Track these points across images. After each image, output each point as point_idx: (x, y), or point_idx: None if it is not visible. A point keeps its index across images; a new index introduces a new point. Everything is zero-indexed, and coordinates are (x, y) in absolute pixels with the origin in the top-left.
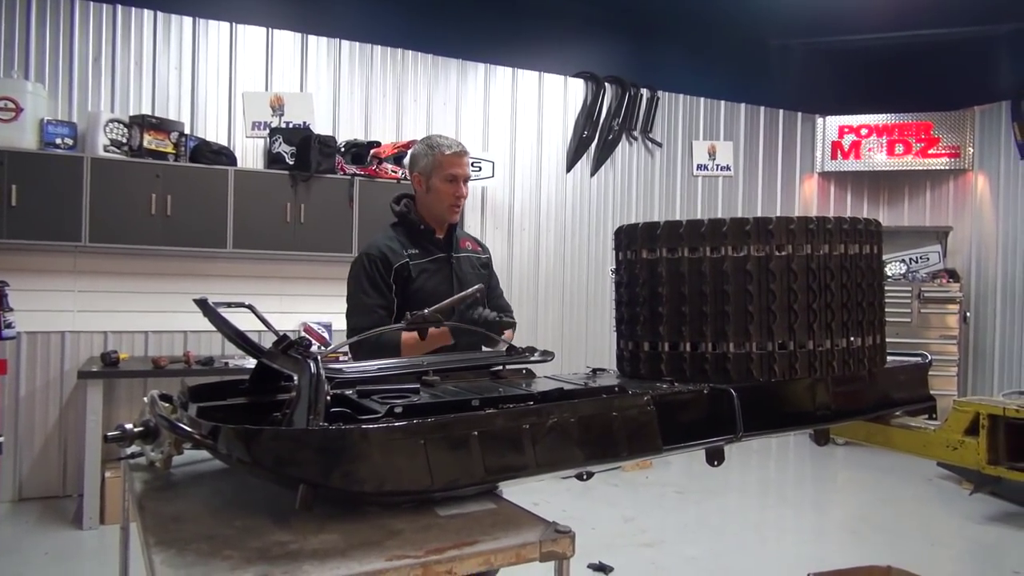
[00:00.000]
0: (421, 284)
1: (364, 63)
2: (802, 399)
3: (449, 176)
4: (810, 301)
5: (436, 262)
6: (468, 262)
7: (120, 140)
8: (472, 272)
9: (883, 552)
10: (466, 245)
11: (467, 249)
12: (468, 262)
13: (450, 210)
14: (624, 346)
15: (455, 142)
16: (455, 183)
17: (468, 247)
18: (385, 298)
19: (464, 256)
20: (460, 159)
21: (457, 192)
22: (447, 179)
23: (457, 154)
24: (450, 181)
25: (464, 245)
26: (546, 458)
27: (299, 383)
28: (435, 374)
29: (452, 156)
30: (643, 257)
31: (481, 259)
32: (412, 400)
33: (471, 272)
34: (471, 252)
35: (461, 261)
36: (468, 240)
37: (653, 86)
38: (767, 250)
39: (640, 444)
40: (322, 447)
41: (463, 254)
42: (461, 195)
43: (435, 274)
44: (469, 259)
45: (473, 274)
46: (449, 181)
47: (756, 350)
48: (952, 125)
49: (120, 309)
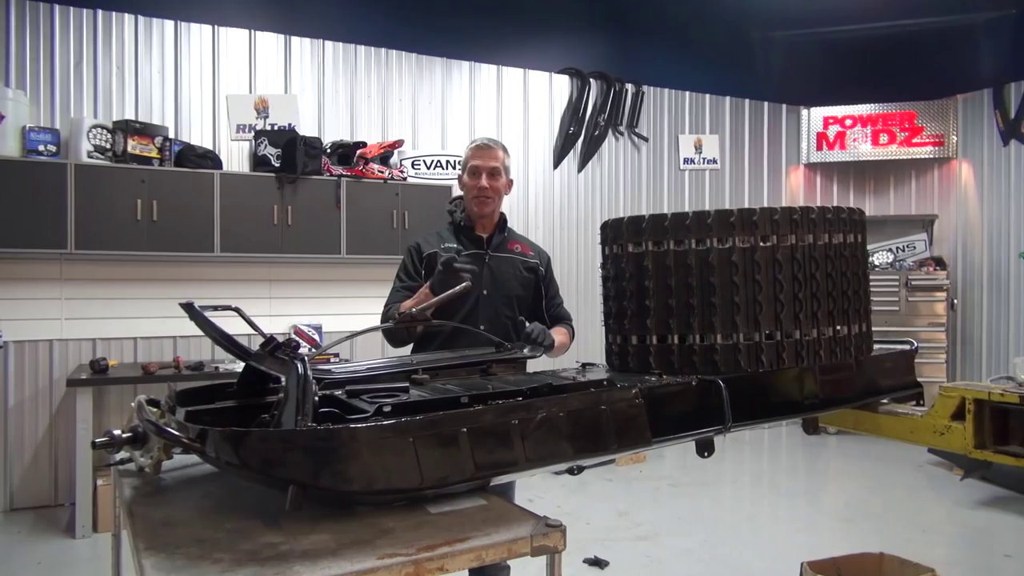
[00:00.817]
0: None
1: (348, 63)
2: (790, 388)
3: (472, 169)
4: (796, 291)
5: (471, 258)
6: (509, 263)
7: (104, 146)
8: (512, 274)
9: (875, 539)
10: (514, 247)
11: (514, 251)
12: (509, 263)
13: (474, 202)
14: (612, 340)
15: (486, 137)
16: (476, 176)
17: (516, 249)
18: (411, 280)
19: (506, 256)
20: (482, 152)
21: (478, 184)
22: (471, 172)
23: (479, 147)
24: (473, 174)
25: (512, 247)
26: (536, 453)
27: (286, 384)
28: (425, 372)
29: (474, 149)
30: (629, 251)
31: (528, 263)
32: (401, 399)
33: (511, 273)
34: (518, 254)
35: (501, 261)
36: (520, 243)
37: (638, 81)
38: (752, 241)
39: (630, 437)
40: (310, 447)
41: (506, 255)
42: (483, 186)
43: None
44: (511, 260)
45: (513, 275)
46: (472, 174)
47: (743, 341)
48: (935, 114)
49: (108, 316)
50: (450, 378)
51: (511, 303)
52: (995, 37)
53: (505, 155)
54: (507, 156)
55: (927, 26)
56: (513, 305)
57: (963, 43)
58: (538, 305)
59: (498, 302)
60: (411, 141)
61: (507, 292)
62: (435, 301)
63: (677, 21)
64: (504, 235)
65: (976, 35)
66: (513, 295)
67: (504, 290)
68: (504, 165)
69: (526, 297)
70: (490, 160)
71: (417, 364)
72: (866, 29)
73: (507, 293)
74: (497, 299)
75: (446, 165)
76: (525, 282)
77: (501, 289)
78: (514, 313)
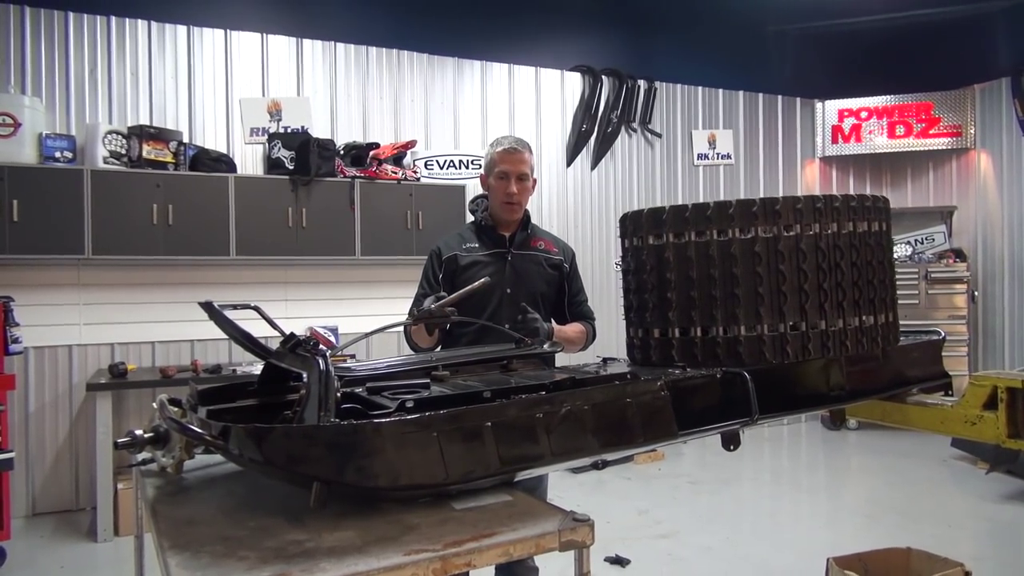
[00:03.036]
0: (470, 276)
1: (360, 65)
2: (816, 380)
3: (500, 173)
4: (820, 281)
5: (493, 257)
6: (532, 260)
7: (119, 151)
8: (536, 271)
9: (900, 535)
10: (537, 244)
11: (537, 248)
12: (532, 260)
13: (503, 208)
14: (634, 334)
15: (512, 139)
16: (506, 180)
17: (540, 246)
18: (431, 288)
19: (529, 254)
20: (511, 156)
21: (507, 189)
22: (499, 176)
23: (508, 151)
24: (501, 178)
25: (535, 244)
26: (561, 447)
27: (308, 380)
28: (444, 369)
29: (502, 153)
30: (649, 243)
31: (552, 259)
32: (422, 395)
33: (534, 270)
34: (542, 251)
35: (524, 259)
36: (544, 240)
37: (650, 77)
38: (775, 231)
39: (655, 429)
40: (334, 443)
41: (529, 252)
42: (512, 192)
43: (488, 267)
44: (535, 258)
45: (537, 272)
46: (500, 178)
47: (768, 332)
48: (952, 104)
49: (126, 320)
50: (470, 374)
51: (535, 301)
52: (1013, 24)
53: (531, 156)
54: (532, 156)
55: (943, 15)
56: (538, 303)
57: (980, 31)
58: (563, 302)
59: (522, 300)
60: (424, 141)
61: (531, 290)
62: (454, 297)
63: (688, 16)
64: (527, 232)
65: (993, 23)
66: (537, 292)
67: (528, 288)
68: (531, 167)
69: (550, 294)
70: (519, 165)
71: (436, 361)
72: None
73: (531, 291)
74: (521, 297)
75: (459, 165)
76: (549, 279)
77: (525, 287)
78: (538, 311)
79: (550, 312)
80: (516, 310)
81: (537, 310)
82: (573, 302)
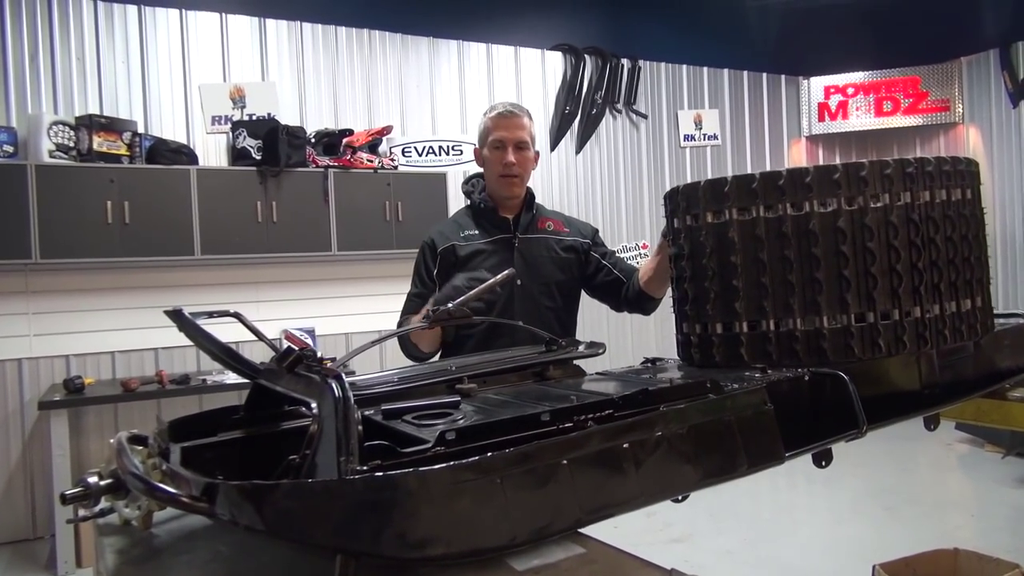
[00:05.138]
0: (473, 269)
1: (329, 47)
2: (910, 378)
3: (495, 142)
4: (914, 259)
5: (497, 244)
6: (542, 244)
7: (67, 144)
8: (548, 257)
9: (924, 528)
10: (546, 225)
11: (546, 230)
12: (542, 244)
13: (500, 182)
14: (689, 329)
15: (508, 103)
16: (502, 149)
17: (549, 227)
18: (424, 286)
19: (537, 238)
20: (506, 120)
21: (504, 159)
22: (494, 146)
23: (502, 115)
24: (496, 148)
25: (543, 225)
26: (655, 483)
27: (320, 413)
28: (470, 381)
29: (496, 118)
30: (708, 222)
31: (564, 241)
32: (459, 420)
33: (546, 257)
34: (551, 233)
35: (531, 243)
36: (552, 219)
37: (634, 55)
38: (860, 202)
39: (760, 452)
40: (364, 502)
41: (537, 235)
42: (510, 163)
43: (492, 256)
44: (545, 241)
45: (549, 259)
46: (496, 148)
47: (855, 323)
48: (940, 78)
49: (81, 330)
50: (501, 386)
51: (550, 291)
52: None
53: (531, 122)
54: (532, 123)
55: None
56: (553, 293)
57: (966, 2)
58: (580, 289)
59: (536, 292)
60: (400, 127)
61: (544, 279)
62: (473, 293)
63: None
64: (533, 213)
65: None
66: (552, 281)
67: (541, 277)
68: (531, 134)
69: (567, 282)
70: (516, 130)
71: (458, 371)
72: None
73: (545, 280)
74: (534, 289)
75: (439, 151)
76: (564, 264)
77: (537, 277)
78: (555, 303)
79: (568, 303)
80: (530, 305)
81: (553, 302)
82: (619, 269)
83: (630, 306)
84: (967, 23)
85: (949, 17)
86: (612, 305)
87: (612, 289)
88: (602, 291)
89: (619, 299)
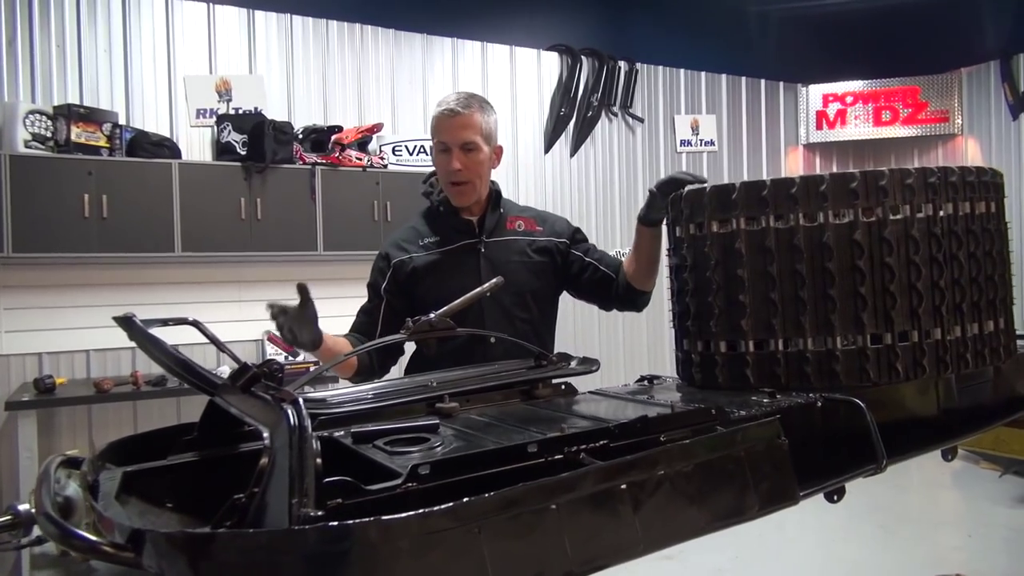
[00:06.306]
0: (432, 285)
1: (319, 41)
2: (928, 405)
3: (439, 144)
4: (935, 277)
5: (459, 252)
6: (512, 248)
7: (44, 134)
8: (519, 261)
9: (921, 548)
10: (515, 225)
11: (515, 230)
12: (512, 248)
13: (449, 189)
14: (690, 346)
15: (453, 98)
16: (447, 153)
17: (519, 227)
18: (370, 302)
19: (505, 241)
20: (450, 120)
21: (448, 165)
22: (439, 149)
23: (445, 114)
24: (442, 151)
25: (512, 226)
26: (655, 529)
27: (272, 444)
28: (452, 399)
29: (439, 118)
30: (714, 231)
31: (537, 242)
32: (436, 449)
33: (516, 261)
34: (522, 233)
35: (499, 248)
36: (522, 218)
37: (631, 58)
38: (879, 213)
39: (773, 492)
40: (317, 555)
41: (506, 238)
42: (453, 168)
43: (453, 269)
44: (514, 244)
45: (520, 264)
46: (441, 151)
47: (871, 344)
48: (940, 89)
49: (55, 327)
50: (485, 405)
51: (523, 301)
52: (1000, 4)
53: (484, 116)
54: (487, 116)
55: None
56: (527, 303)
57: (967, 12)
58: (558, 295)
59: (508, 303)
60: (390, 125)
61: (516, 288)
62: (458, 304)
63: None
64: (500, 212)
65: (980, 3)
66: (525, 290)
67: (512, 286)
68: (484, 131)
69: (542, 289)
70: (461, 130)
71: (439, 387)
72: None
73: (517, 290)
74: (505, 299)
75: (430, 151)
76: (538, 269)
77: (508, 286)
78: (530, 314)
79: (544, 314)
80: (501, 317)
81: (527, 313)
82: (605, 264)
83: (621, 303)
84: (968, 34)
85: (950, 28)
86: (600, 305)
87: (601, 288)
88: (589, 292)
89: (609, 297)
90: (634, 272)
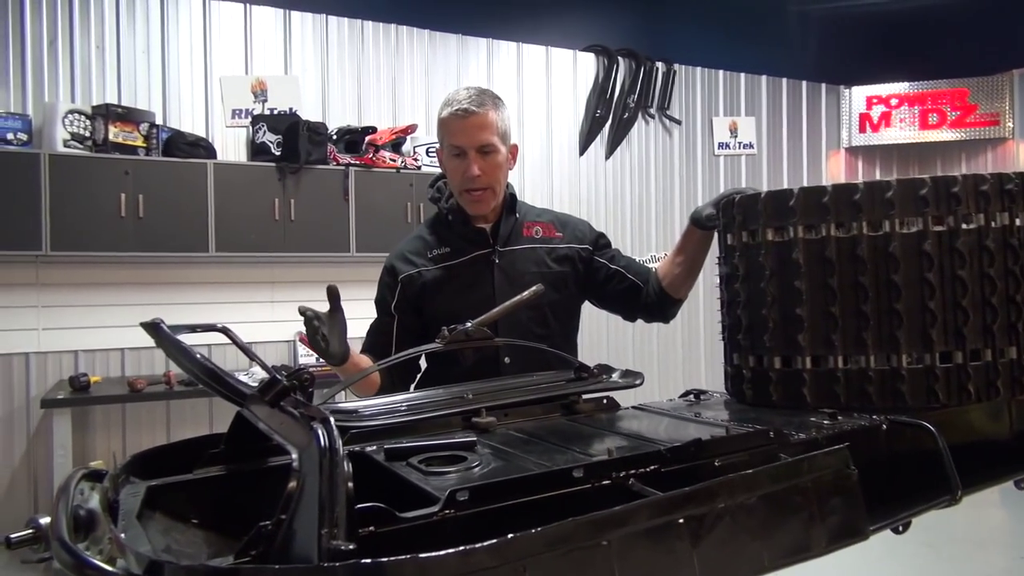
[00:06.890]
0: (443, 302)
1: (355, 41)
2: (1002, 428)
3: (453, 148)
4: (1011, 292)
5: (471, 264)
6: (529, 258)
7: (82, 134)
8: (537, 273)
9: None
10: (533, 232)
11: (533, 237)
12: (529, 258)
13: (465, 198)
14: (741, 361)
15: (464, 95)
16: (462, 158)
17: (537, 233)
18: (380, 320)
19: (522, 250)
20: (464, 121)
21: (466, 172)
22: (452, 153)
23: (456, 115)
24: (456, 156)
25: (529, 232)
26: (714, 567)
27: (300, 468)
28: (488, 412)
29: (451, 118)
30: (768, 239)
31: (557, 250)
32: (474, 470)
33: (534, 273)
34: (540, 240)
35: (515, 258)
36: (540, 223)
37: (669, 59)
38: (951, 222)
39: (841, 527)
40: None
41: (522, 246)
42: (472, 175)
43: (466, 282)
44: (532, 253)
45: (538, 275)
46: (455, 156)
47: (940, 363)
48: (990, 91)
49: (91, 325)
50: (524, 420)
51: (543, 316)
52: None
53: (498, 113)
54: (501, 112)
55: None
56: (546, 319)
57: (1018, 11)
58: (579, 306)
59: (524, 318)
60: (424, 126)
61: (534, 302)
62: (495, 313)
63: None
64: (515, 218)
65: None
66: (544, 304)
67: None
68: (500, 130)
69: (562, 301)
70: (477, 132)
71: (476, 400)
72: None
73: (535, 303)
74: (522, 315)
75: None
76: (558, 280)
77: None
78: (549, 330)
79: (565, 328)
80: (518, 335)
81: (546, 329)
82: (633, 272)
83: (648, 314)
84: (1019, 34)
85: (1000, 27)
86: (625, 315)
87: (628, 298)
88: (614, 301)
89: (636, 307)
90: (672, 278)
